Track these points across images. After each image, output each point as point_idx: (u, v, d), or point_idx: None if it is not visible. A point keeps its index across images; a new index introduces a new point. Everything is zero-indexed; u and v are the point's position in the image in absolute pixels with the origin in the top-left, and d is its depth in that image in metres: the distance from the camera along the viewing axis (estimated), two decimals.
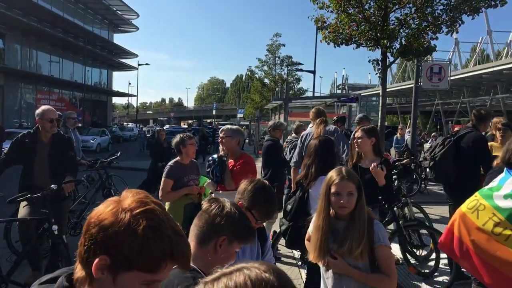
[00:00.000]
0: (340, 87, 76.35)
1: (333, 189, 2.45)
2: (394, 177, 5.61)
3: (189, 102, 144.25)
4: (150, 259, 1.03)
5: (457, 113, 42.44)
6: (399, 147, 12.63)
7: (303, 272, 5.10)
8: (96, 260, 1.02)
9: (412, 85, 11.35)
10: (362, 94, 29.46)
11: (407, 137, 12.51)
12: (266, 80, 31.41)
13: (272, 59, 30.77)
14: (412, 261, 5.27)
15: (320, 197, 2.54)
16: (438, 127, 44.37)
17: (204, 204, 1.81)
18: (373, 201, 3.98)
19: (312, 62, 24.67)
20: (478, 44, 50.65)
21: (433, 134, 22.83)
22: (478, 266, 3.05)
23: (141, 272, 1.04)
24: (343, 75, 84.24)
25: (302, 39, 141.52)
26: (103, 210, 1.06)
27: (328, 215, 2.49)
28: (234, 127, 4.54)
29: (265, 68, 31.11)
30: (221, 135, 4.48)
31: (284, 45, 31.40)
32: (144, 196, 1.09)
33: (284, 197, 5.89)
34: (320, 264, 2.56)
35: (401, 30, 6.33)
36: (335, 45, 6.72)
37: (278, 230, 4.47)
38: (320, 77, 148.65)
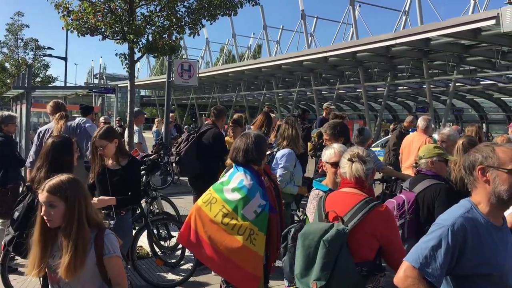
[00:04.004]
0: (98, 76, 72.96)
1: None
2: (142, 172, 5.62)
3: None
4: None
5: (209, 107, 46.35)
6: (156, 140, 12.83)
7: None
8: None
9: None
10: (119, 85, 28.74)
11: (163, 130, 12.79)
12: (7, 65, 27.47)
13: (13, 40, 27.02)
14: (160, 253, 5.40)
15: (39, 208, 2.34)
16: (194, 119, 47.47)
17: None
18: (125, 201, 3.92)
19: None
20: (226, 45, 56.46)
21: (185, 127, 24.18)
22: (211, 255, 3.31)
23: None
24: (100, 64, 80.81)
25: (54, 22, 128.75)
26: None
27: (44, 228, 2.31)
28: None
29: (5, 50, 27.21)
30: None
31: (28, 26, 27.97)
32: None
33: None
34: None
35: (147, 27, 6.37)
36: (79, 34, 6.27)
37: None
38: (75, 64, 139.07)
